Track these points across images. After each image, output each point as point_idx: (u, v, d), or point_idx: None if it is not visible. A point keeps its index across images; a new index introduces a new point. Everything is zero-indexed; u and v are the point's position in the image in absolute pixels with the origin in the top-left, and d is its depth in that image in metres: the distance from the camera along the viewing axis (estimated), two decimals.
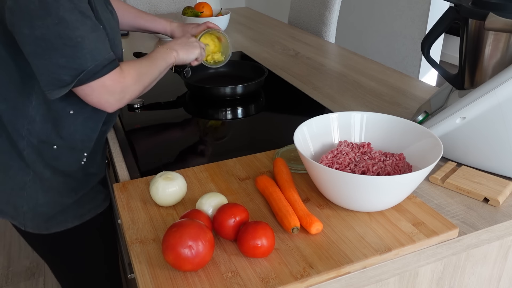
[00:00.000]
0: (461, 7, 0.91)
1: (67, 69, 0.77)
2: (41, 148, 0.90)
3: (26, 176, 0.91)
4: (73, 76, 0.78)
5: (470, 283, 0.84)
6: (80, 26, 0.76)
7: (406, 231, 0.73)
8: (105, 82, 0.81)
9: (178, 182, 0.80)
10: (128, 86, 0.86)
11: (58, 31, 0.75)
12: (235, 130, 1.15)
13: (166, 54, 1.00)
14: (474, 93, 0.87)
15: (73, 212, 0.99)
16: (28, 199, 0.93)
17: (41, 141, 0.89)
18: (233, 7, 3.62)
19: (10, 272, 2.05)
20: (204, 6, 2.02)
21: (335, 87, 1.41)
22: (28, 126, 0.88)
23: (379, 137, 0.89)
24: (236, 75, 1.48)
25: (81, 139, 0.94)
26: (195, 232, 0.64)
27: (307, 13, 2.31)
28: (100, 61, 0.80)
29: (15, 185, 0.92)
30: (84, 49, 0.77)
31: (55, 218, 0.96)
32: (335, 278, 0.67)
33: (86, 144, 0.95)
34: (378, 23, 3.15)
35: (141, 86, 0.90)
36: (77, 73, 0.78)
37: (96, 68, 0.79)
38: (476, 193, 0.84)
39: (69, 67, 0.77)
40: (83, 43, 0.77)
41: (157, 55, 0.98)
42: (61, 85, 0.79)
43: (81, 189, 0.98)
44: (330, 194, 0.77)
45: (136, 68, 0.89)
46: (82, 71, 0.78)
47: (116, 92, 0.84)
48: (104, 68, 0.81)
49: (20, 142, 0.89)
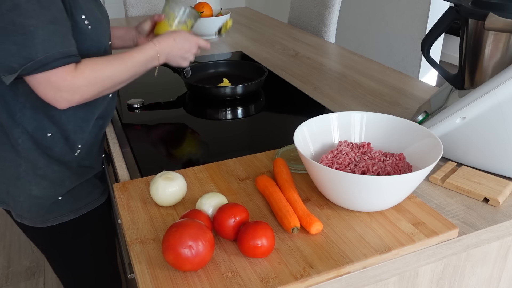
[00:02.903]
0: (461, 7, 0.91)
1: (17, 56, 0.76)
2: (36, 136, 0.91)
3: (19, 166, 0.92)
4: (21, 64, 0.77)
5: (470, 283, 0.84)
6: (35, 15, 0.75)
7: (406, 231, 0.73)
8: (50, 77, 0.79)
9: (178, 182, 0.80)
10: (79, 87, 0.82)
11: (11, 17, 0.74)
12: (235, 130, 1.15)
13: (147, 58, 0.93)
14: (474, 93, 0.87)
15: (68, 206, 0.99)
16: (23, 189, 0.94)
17: (35, 128, 0.90)
18: (233, 7, 3.62)
19: (10, 272, 2.05)
20: (204, 6, 2.02)
21: (335, 87, 1.41)
22: (20, 114, 0.88)
23: (379, 137, 0.89)
24: (236, 75, 1.48)
25: (73, 129, 0.93)
26: (195, 232, 0.64)
27: (307, 13, 2.31)
28: (52, 54, 0.77)
29: (11, 175, 0.93)
30: (36, 38, 0.76)
31: (50, 211, 0.97)
32: (335, 278, 0.67)
33: (78, 135, 0.95)
34: (378, 23, 3.15)
35: (99, 88, 0.86)
36: (25, 61, 0.76)
37: (46, 60, 0.77)
38: (476, 193, 0.84)
39: (19, 54, 0.76)
40: (36, 32, 0.75)
41: (136, 57, 0.91)
42: (10, 71, 0.78)
43: (75, 179, 0.98)
44: (330, 194, 0.77)
45: (95, 69, 0.84)
46: (31, 60, 0.76)
47: (62, 90, 0.81)
48: (55, 62, 0.78)
49: (15, 129, 0.90)
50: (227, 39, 2.02)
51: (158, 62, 0.96)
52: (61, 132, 0.93)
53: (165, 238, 0.64)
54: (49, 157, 0.93)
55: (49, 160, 0.94)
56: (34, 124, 0.90)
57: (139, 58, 0.92)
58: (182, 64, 1.03)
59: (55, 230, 1.00)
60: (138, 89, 1.39)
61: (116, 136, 1.12)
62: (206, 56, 1.75)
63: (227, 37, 2.04)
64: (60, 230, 1.01)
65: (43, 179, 0.94)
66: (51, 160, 0.94)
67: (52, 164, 0.94)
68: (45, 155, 0.93)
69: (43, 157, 0.93)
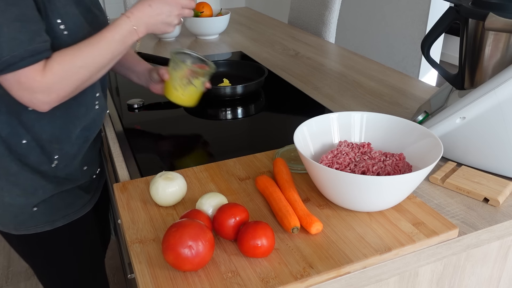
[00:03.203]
0: (461, 7, 0.91)
1: None
2: (10, 142, 0.86)
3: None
4: None
5: (470, 283, 0.84)
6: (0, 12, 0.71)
7: (406, 231, 0.73)
8: (20, 78, 0.73)
9: (178, 182, 0.80)
10: (51, 85, 0.76)
11: None
12: (235, 130, 1.15)
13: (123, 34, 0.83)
14: (474, 93, 0.87)
15: (43, 217, 0.94)
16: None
17: (9, 133, 0.86)
18: (233, 7, 3.62)
19: (10, 272, 2.05)
20: (204, 6, 2.02)
21: (335, 87, 1.41)
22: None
23: (379, 137, 0.89)
24: (236, 75, 1.48)
25: (48, 139, 0.88)
26: (195, 232, 0.64)
27: (307, 13, 2.31)
28: (19, 52, 0.72)
29: None
30: (1, 37, 0.71)
31: (23, 221, 0.93)
32: (335, 278, 0.67)
33: (55, 145, 0.89)
34: (378, 23, 3.15)
35: (75, 81, 0.78)
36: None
37: (12, 59, 0.72)
38: (476, 193, 0.84)
39: None
40: (1, 30, 0.71)
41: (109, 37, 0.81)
42: None
43: (50, 190, 0.93)
44: (330, 194, 0.77)
45: (63, 62, 0.76)
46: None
47: (36, 91, 0.75)
48: (22, 61, 0.72)
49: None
50: (227, 39, 2.02)
51: (137, 36, 0.85)
52: (36, 141, 0.88)
53: (165, 238, 0.64)
54: (22, 164, 0.88)
55: (22, 167, 0.89)
56: (8, 130, 0.85)
57: (113, 36, 0.82)
58: (167, 30, 0.90)
59: (30, 239, 0.96)
60: (138, 89, 1.39)
61: (116, 136, 1.12)
62: (206, 56, 1.75)
63: (227, 37, 2.04)
64: (35, 240, 0.96)
65: (15, 186, 0.90)
66: (24, 167, 0.89)
67: (25, 171, 0.89)
68: (18, 162, 0.88)
69: (16, 163, 0.88)
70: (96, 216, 1.10)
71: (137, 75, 1.13)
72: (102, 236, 1.24)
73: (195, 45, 1.92)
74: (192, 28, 1.99)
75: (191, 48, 1.88)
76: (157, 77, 1.08)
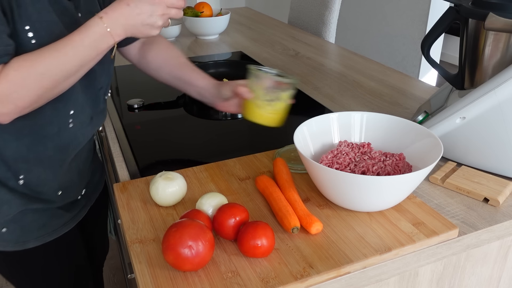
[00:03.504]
0: (461, 7, 0.91)
1: None
2: None
3: None
4: None
5: (470, 283, 0.84)
6: None
7: (406, 231, 0.73)
8: None
9: (178, 182, 0.80)
10: (8, 94, 0.66)
11: None
12: (235, 130, 1.15)
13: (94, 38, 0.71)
14: (474, 93, 0.87)
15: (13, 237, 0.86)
16: None
17: None
18: (233, 7, 3.62)
19: None
20: (204, 6, 2.02)
21: (335, 87, 1.41)
22: None
23: (379, 137, 0.89)
24: (236, 75, 1.47)
25: (13, 157, 0.79)
26: (195, 232, 0.64)
27: (307, 13, 2.31)
28: None
29: None
30: None
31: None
32: (335, 278, 0.67)
33: (21, 165, 0.81)
34: (378, 23, 3.15)
35: (36, 90, 0.68)
36: None
37: None
38: (476, 193, 0.84)
39: None
40: None
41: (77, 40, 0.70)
42: None
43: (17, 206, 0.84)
44: (330, 194, 0.77)
45: (21, 68, 0.67)
46: None
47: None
48: None
49: None
50: (227, 39, 2.02)
51: (113, 39, 0.73)
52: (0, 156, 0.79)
53: (165, 238, 0.64)
54: None
55: None
56: None
57: (82, 40, 0.70)
58: (150, 33, 0.76)
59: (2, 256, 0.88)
60: (138, 89, 1.39)
61: (116, 136, 1.12)
62: (206, 56, 1.75)
63: (227, 37, 2.04)
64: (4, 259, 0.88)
65: None
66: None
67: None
68: None
69: None
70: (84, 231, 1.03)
71: (198, 90, 0.99)
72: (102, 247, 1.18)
73: (195, 45, 1.92)
74: (192, 28, 1.99)
75: (191, 48, 1.88)
76: (229, 94, 0.93)
